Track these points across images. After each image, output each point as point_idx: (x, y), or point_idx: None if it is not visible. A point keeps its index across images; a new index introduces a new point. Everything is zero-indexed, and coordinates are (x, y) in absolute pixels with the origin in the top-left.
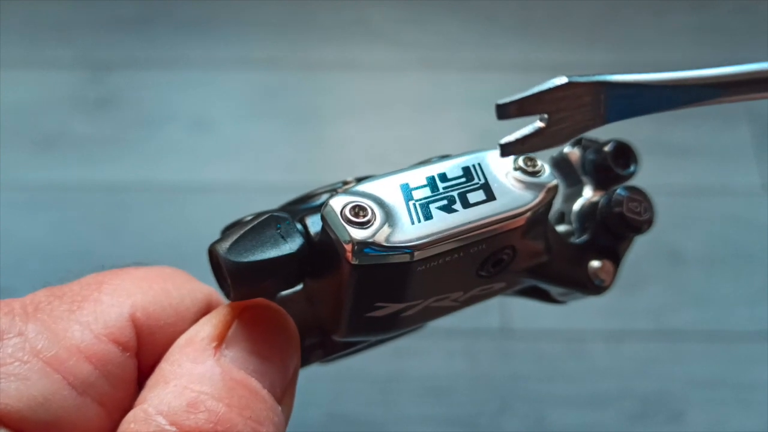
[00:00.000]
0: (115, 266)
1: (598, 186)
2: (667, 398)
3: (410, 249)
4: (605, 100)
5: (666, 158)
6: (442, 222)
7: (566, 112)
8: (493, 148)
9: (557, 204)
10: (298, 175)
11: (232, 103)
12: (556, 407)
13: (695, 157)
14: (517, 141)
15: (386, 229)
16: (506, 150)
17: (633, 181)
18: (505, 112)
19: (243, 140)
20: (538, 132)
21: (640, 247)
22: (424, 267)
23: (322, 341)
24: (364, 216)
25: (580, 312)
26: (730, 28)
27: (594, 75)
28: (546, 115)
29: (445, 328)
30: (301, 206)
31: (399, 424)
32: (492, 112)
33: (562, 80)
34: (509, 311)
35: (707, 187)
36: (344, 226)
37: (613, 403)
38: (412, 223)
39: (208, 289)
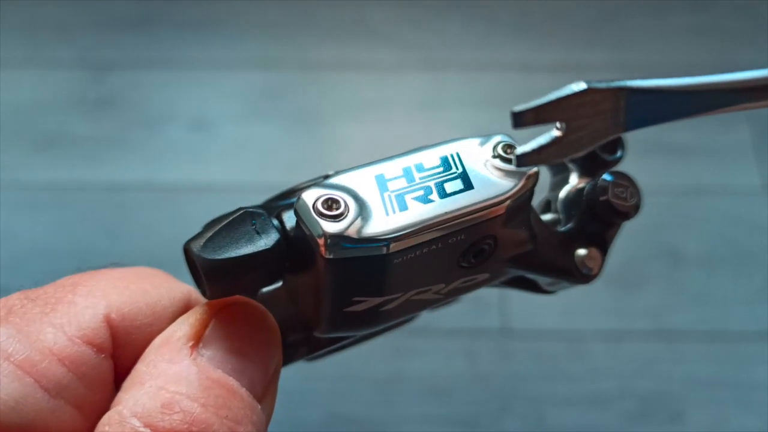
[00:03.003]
0: (108, 266)
1: (584, 173)
2: (667, 398)
3: (385, 241)
4: (625, 107)
5: (666, 158)
6: (417, 213)
7: (584, 119)
8: (472, 135)
9: (543, 192)
10: (298, 175)
11: (232, 103)
12: (556, 407)
13: (695, 157)
14: (533, 151)
15: (360, 222)
16: (522, 161)
17: (620, 167)
18: (521, 120)
19: (243, 140)
20: (554, 141)
21: (640, 247)
22: (401, 259)
23: (306, 338)
24: (337, 209)
25: (580, 312)
26: (729, 29)
27: (613, 80)
28: (563, 123)
29: (445, 328)
30: (280, 202)
31: (399, 424)
32: (492, 112)
33: (580, 86)
34: (509, 311)
35: (707, 187)
36: (317, 220)
37: (613, 403)
38: (387, 214)
39: (187, 288)
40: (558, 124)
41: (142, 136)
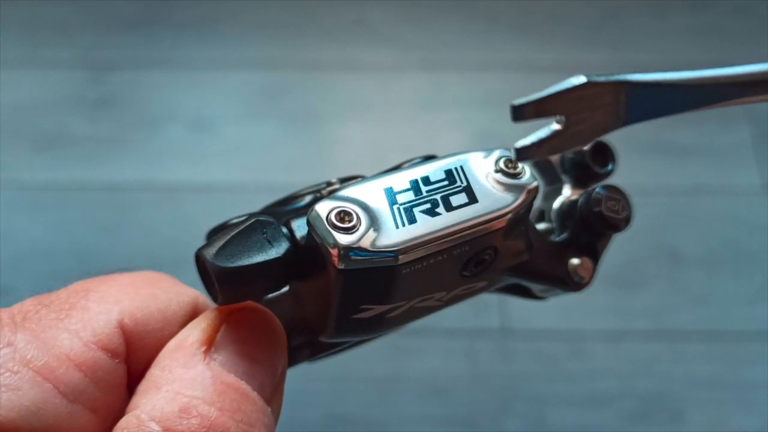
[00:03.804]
0: (111, 268)
1: (577, 184)
2: (667, 398)
3: (395, 253)
4: (625, 101)
5: (666, 158)
6: (426, 225)
7: (584, 113)
8: (478, 149)
9: (537, 202)
10: (298, 175)
11: (232, 103)
12: (556, 407)
13: (695, 157)
14: (533, 144)
15: (371, 234)
16: (522, 154)
17: (611, 180)
18: (521, 113)
19: (243, 140)
20: (555, 134)
21: (640, 247)
22: (408, 270)
23: (309, 341)
24: (350, 221)
25: (580, 312)
26: (729, 29)
27: (613, 75)
28: (563, 117)
29: (445, 328)
30: (285, 208)
31: (399, 424)
32: (492, 112)
33: (580, 80)
34: (509, 311)
35: (707, 187)
36: (330, 232)
37: (613, 403)
38: (397, 227)
39: (194, 292)
40: (558, 118)
41: (142, 136)
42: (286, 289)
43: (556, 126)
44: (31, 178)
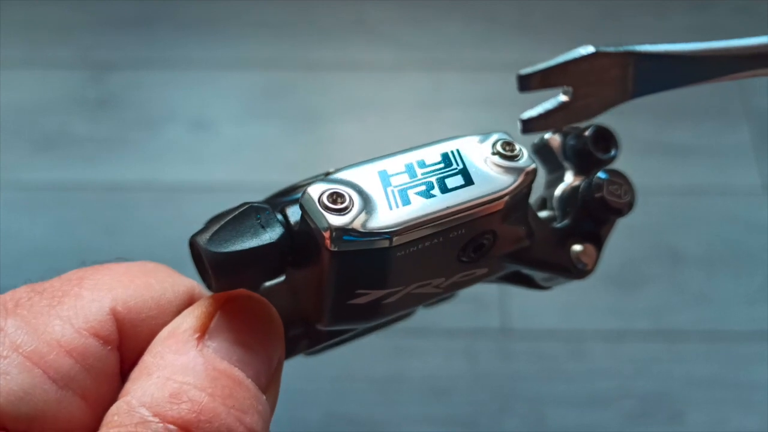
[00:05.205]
0: (113, 260)
1: (579, 171)
2: (667, 398)
3: (388, 234)
4: (633, 73)
5: (666, 158)
6: (420, 207)
7: (592, 86)
8: (472, 134)
9: (539, 190)
10: (298, 175)
11: (232, 103)
12: (556, 407)
13: (695, 157)
14: (540, 116)
15: (364, 216)
16: (527, 126)
17: (618, 167)
18: (527, 83)
19: (243, 140)
20: (561, 107)
21: (640, 247)
22: (403, 252)
23: (307, 331)
24: (342, 203)
25: (580, 312)
26: (729, 28)
27: (622, 45)
28: (570, 89)
29: (445, 328)
30: (283, 198)
31: (399, 424)
32: (492, 112)
33: (588, 50)
34: (509, 311)
35: (707, 187)
36: (322, 213)
37: (613, 403)
38: (391, 208)
39: (190, 282)
40: (565, 89)
41: (142, 136)
42: (282, 278)
43: (563, 98)
44: (31, 178)
